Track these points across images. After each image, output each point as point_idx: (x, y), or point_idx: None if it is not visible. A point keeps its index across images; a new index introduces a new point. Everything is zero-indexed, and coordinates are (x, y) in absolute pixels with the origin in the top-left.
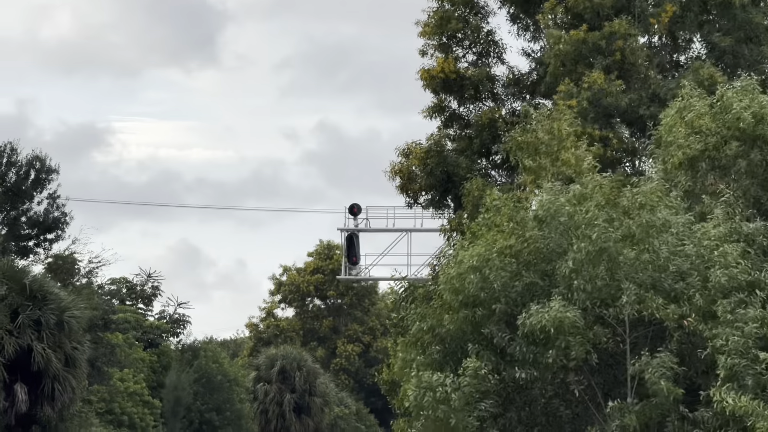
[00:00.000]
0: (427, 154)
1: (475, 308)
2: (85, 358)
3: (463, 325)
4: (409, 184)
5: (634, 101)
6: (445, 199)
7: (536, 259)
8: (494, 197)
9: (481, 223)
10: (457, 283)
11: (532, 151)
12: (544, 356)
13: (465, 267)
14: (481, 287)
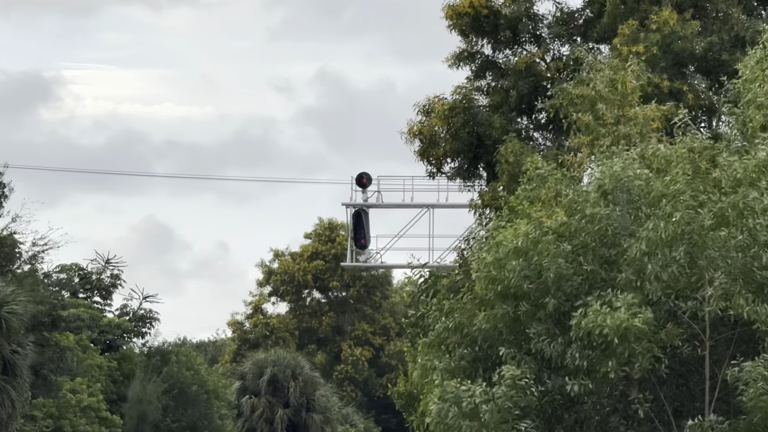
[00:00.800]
0: (452, 111)
1: (516, 303)
2: (28, 365)
3: (500, 324)
4: (431, 149)
5: (714, 46)
6: (476, 167)
7: (597, 242)
8: (537, 164)
9: (522, 196)
10: (495, 271)
11: (588, 108)
12: (602, 365)
13: (505, 251)
14: (524, 276)
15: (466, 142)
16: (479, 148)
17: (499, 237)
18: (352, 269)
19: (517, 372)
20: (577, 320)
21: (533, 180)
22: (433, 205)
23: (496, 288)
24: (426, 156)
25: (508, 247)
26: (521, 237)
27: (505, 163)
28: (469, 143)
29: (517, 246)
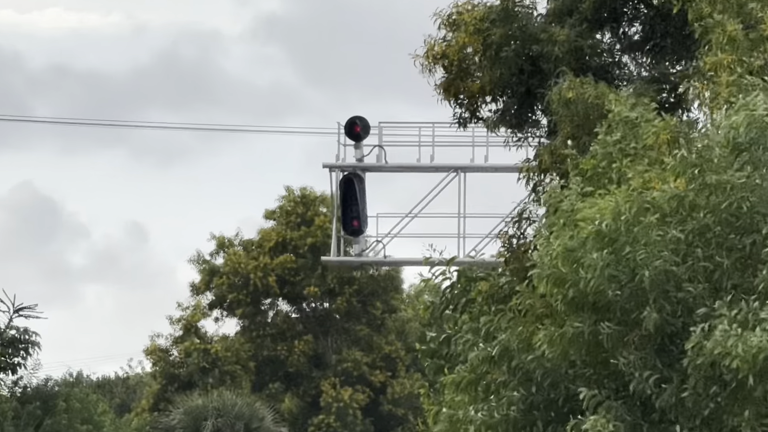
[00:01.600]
0: (492, 21)
1: (597, 317)
2: None
3: (572, 350)
4: (461, 82)
5: None
6: (530, 110)
7: (723, 226)
8: (621, 102)
9: (601, 155)
10: (564, 268)
11: (734, 9)
12: (731, 414)
13: (581, 238)
14: (611, 277)
15: (514, 69)
16: (533, 78)
17: (577, 213)
18: (339, 267)
19: (607, 427)
20: (695, 343)
21: (619, 127)
22: (464, 167)
23: (566, 294)
24: (453, 92)
25: (586, 232)
26: (607, 213)
27: (568, 105)
28: (518, 72)
29: (599, 230)
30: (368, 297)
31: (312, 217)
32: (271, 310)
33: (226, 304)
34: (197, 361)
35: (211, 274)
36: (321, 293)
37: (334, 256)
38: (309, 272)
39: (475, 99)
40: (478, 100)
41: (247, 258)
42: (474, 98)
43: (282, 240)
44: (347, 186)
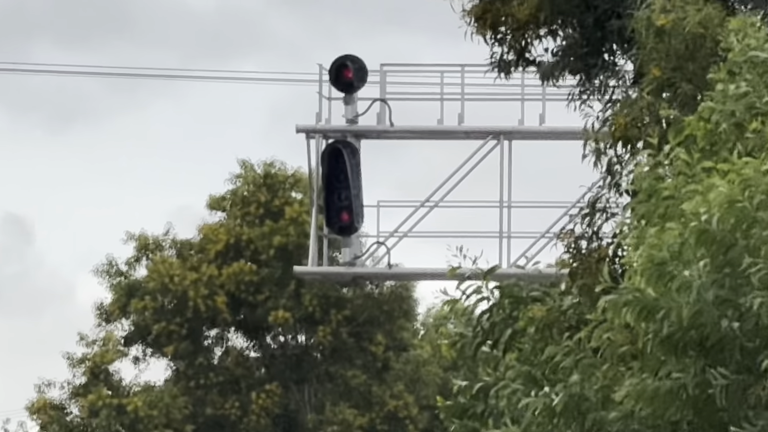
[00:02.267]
0: None
1: (707, 360)
2: None
3: (674, 407)
4: (501, 5)
5: None
6: (599, 51)
7: None
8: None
9: (719, 115)
10: (655, 287)
11: None
12: None
13: (679, 241)
14: (723, 304)
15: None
16: (608, 2)
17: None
18: (321, 282)
19: None
20: None
21: (744, 72)
22: (508, 132)
23: (659, 328)
24: (490, 23)
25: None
26: (717, 207)
27: (652, 38)
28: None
29: (704, 229)
30: (365, 327)
31: (281, 207)
32: (218, 347)
33: (150, 337)
34: (108, 423)
35: (128, 292)
36: (294, 321)
37: (314, 265)
38: (276, 289)
39: (522, 32)
40: (526, 34)
41: (183, 268)
42: (521, 31)
43: (235, 241)
44: (333, 160)
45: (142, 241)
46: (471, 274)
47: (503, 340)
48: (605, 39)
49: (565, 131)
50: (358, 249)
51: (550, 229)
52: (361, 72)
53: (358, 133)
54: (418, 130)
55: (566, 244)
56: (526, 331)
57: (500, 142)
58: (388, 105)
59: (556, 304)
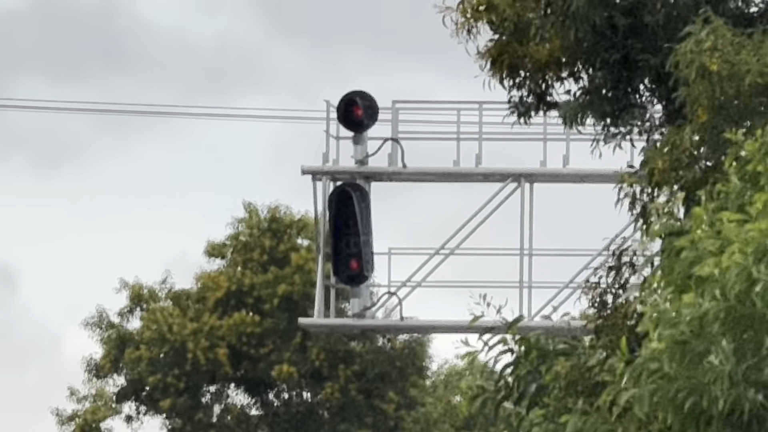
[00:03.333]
0: None
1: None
2: None
3: None
4: (519, 45)
5: None
6: (631, 90)
7: None
8: None
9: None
10: (678, 365)
11: None
12: None
13: (699, 313)
14: (747, 382)
15: (604, 25)
16: (636, 38)
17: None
18: (328, 335)
19: None
20: None
21: None
22: (530, 174)
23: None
24: (507, 64)
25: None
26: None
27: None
28: (610, 29)
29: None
30: (375, 383)
31: (286, 253)
32: (217, 404)
33: (145, 393)
34: None
35: (121, 344)
36: (299, 376)
37: (321, 316)
38: (280, 342)
39: (542, 74)
40: (546, 75)
41: (181, 318)
42: (541, 73)
43: (237, 290)
44: (342, 204)
45: (136, 290)
46: (493, 325)
47: (528, 395)
48: (631, 80)
49: (590, 173)
50: (368, 299)
51: (574, 279)
52: (371, 109)
53: (368, 175)
54: (432, 172)
55: (591, 297)
56: (551, 386)
57: (521, 184)
58: (400, 145)
59: (581, 361)
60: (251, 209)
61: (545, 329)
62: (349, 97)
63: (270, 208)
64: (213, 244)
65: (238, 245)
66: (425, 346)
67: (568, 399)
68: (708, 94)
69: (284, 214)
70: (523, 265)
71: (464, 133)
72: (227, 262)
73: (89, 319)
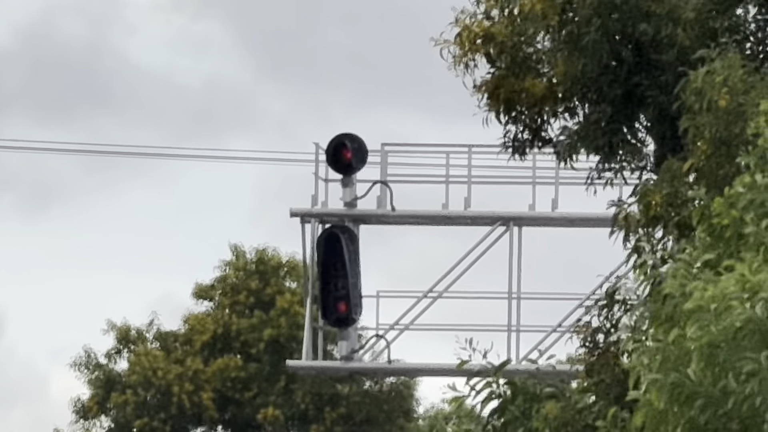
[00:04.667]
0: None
1: None
2: None
3: None
4: (515, 79)
5: None
6: (628, 126)
7: None
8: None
9: (744, 201)
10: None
11: None
12: None
13: (685, 350)
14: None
15: (607, 59)
16: (639, 74)
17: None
18: (315, 378)
19: None
20: None
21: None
22: (518, 218)
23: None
24: (503, 97)
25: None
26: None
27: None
28: (615, 63)
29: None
30: (362, 426)
31: (272, 297)
32: None
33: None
34: None
35: (108, 386)
36: (285, 419)
37: (308, 359)
38: (267, 385)
39: (538, 109)
40: (542, 110)
41: (167, 361)
42: (537, 108)
43: (224, 332)
44: (330, 247)
45: (123, 331)
46: (481, 369)
47: None
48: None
49: (580, 217)
50: (356, 342)
51: (563, 322)
52: (360, 152)
53: (356, 218)
54: (421, 215)
55: (582, 337)
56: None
57: (509, 228)
58: (389, 187)
59: (571, 402)
60: (238, 251)
61: (531, 373)
62: (339, 140)
63: (257, 250)
64: (201, 286)
65: (225, 287)
66: (412, 389)
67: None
68: (712, 127)
69: (271, 257)
70: (511, 308)
71: (453, 176)
72: (215, 305)
73: (76, 359)
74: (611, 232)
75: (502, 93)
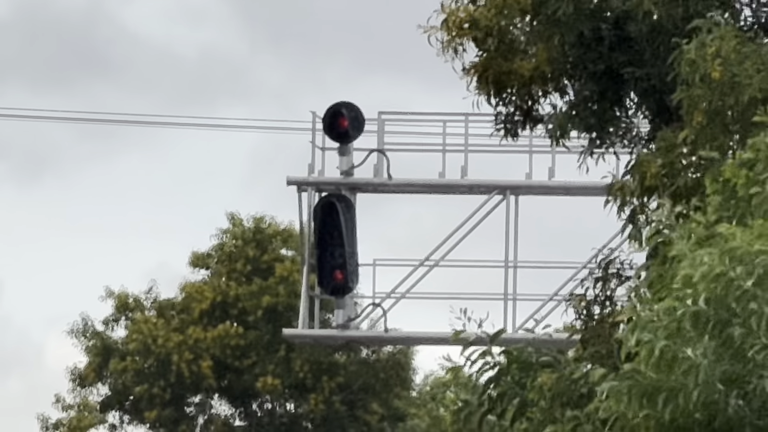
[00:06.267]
0: None
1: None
2: None
3: None
4: (503, 60)
5: None
6: (616, 101)
7: None
8: None
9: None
10: (659, 370)
11: None
12: None
13: (678, 315)
14: (727, 382)
15: (588, 37)
16: (620, 51)
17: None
18: (312, 346)
19: None
20: None
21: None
22: (515, 186)
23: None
24: (492, 79)
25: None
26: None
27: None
28: (595, 41)
29: (697, 309)
30: (359, 395)
31: (270, 264)
32: (201, 414)
33: (129, 403)
34: None
35: (105, 354)
36: (283, 388)
37: (305, 327)
38: (264, 353)
39: (528, 90)
40: (532, 91)
41: (166, 329)
42: (526, 89)
43: (221, 300)
44: (327, 215)
45: (121, 299)
46: (476, 338)
47: (511, 410)
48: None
49: (576, 186)
50: (353, 311)
51: (559, 291)
52: (357, 121)
53: (353, 186)
54: (417, 184)
55: (577, 309)
56: (535, 400)
57: (506, 197)
58: (386, 156)
59: (566, 372)
60: (235, 219)
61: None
62: (335, 108)
63: (254, 218)
64: (197, 254)
65: (222, 256)
66: (410, 358)
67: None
68: (707, 99)
69: (268, 225)
70: (507, 277)
71: (450, 144)
72: (211, 273)
73: (74, 327)
74: (606, 201)
75: (490, 75)
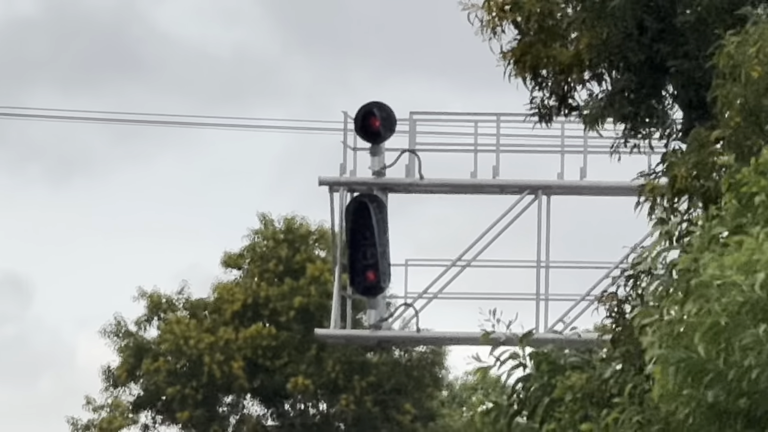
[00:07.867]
0: None
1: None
2: None
3: None
4: (543, 46)
5: None
6: (654, 94)
7: None
8: None
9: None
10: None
11: None
12: None
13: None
14: None
15: (631, 26)
16: (663, 42)
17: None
18: (345, 346)
19: None
20: None
21: None
22: (547, 186)
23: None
24: (530, 64)
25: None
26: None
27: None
28: (638, 31)
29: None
30: (391, 395)
31: (302, 265)
32: (233, 415)
33: (161, 403)
34: None
35: (138, 354)
36: (315, 388)
37: (337, 327)
38: (296, 354)
39: (565, 76)
40: (570, 78)
41: (198, 329)
42: (564, 75)
43: (253, 301)
44: (359, 215)
45: (154, 300)
46: (506, 339)
47: (540, 411)
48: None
49: (608, 186)
50: (384, 311)
51: (591, 292)
52: (388, 121)
53: (385, 186)
54: (449, 184)
55: (608, 308)
56: (564, 400)
57: (538, 197)
58: (417, 156)
59: (596, 373)
60: (266, 220)
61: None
62: (367, 109)
63: (286, 218)
64: (230, 255)
65: (254, 256)
66: (442, 357)
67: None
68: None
69: (300, 225)
70: (539, 277)
71: (481, 144)
72: (243, 273)
73: (107, 327)
74: (637, 203)
75: (528, 60)
